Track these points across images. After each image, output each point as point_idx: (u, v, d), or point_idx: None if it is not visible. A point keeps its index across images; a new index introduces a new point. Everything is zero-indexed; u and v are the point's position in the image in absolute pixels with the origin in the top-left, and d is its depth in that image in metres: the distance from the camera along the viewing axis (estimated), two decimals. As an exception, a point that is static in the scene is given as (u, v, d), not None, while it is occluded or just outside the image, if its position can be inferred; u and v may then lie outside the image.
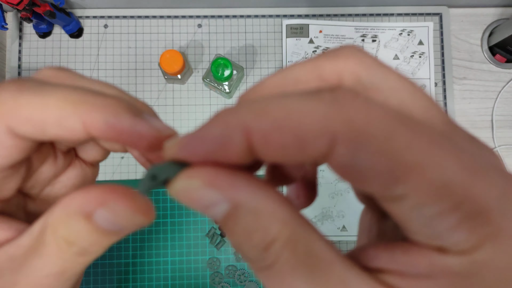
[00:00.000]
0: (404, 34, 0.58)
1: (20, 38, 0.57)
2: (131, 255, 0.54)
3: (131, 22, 0.58)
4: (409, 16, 0.59)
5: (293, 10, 0.59)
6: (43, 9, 0.49)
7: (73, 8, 0.58)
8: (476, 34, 0.60)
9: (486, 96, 0.59)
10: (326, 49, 0.57)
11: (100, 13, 0.58)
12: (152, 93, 0.57)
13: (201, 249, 0.55)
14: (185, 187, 0.11)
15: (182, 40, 0.58)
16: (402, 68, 0.58)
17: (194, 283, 0.54)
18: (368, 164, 0.10)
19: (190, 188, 0.11)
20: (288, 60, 0.57)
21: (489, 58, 0.59)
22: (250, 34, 0.59)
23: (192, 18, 0.59)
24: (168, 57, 0.50)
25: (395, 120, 0.10)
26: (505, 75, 0.59)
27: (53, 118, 0.12)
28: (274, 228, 0.11)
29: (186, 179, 0.11)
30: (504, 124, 0.59)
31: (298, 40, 0.58)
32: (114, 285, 0.54)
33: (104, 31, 0.58)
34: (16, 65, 0.56)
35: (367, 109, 0.10)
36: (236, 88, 0.56)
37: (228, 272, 0.54)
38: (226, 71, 0.50)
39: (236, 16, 0.59)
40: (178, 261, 0.55)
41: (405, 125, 0.10)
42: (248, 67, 0.58)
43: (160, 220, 0.55)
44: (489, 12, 0.60)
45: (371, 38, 0.58)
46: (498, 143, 0.58)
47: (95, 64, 0.57)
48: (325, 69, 0.12)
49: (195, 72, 0.58)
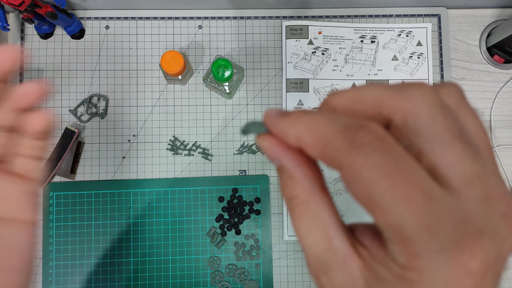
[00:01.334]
0: (403, 35, 0.59)
1: (22, 39, 0.57)
2: (132, 254, 0.55)
3: (132, 23, 0.58)
4: (408, 17, 0.60)
5: (292, 12, 0.59)
6: (44, 10, 0.50)
7: (74, 9, 0.58)
8: (475, 35, 0.60)
9: (485, 97, 0.60)
10: (325, 50, 0.58)
11: (101, 14, 0.58)
12: (153, 93, 0.58)
13: (202, 248, 0.55)
14: (260, 142, 0.17)
15: (183, 41, 0.59)
16: (401, 68, 0.58)
17: (194, 282, 0.55)
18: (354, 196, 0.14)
19: (262, 144, 0.17)
20: (288, 61, 0.58)
21: (488, 59, 0.60)
22: (250, 35, 0.59)
23: (193, 19, 0.59)
24: (169, 58, 0.50)
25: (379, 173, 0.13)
26: (503, 76, 0.60)
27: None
28: (297, 190, 0.16)
29: (260, 139, 0.17)
30: (502, 124, 0.59)
31: (298, 41, 0.58)
32: (115, 284, 0.54)
33: (106, 32, 0.58)
34: (17, 66, 0.57)
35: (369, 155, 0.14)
36: (236, 89, 0.57)
37: (229, 271, 0.55)
38: (226, 72, 0.50)
39: (236, 18, 0.59)
40: (179, 259, 0.55)
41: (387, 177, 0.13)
42: (248, 68, 0.58)
43: (161, 220, 0.55)
44: (488, 13, 0.61)
45: (370, 39, 0.58)
46: (496, 143, 0.59)
47: (96, 65, 0.58)
48: (385, 102, 0.15)
49: (195, 73, 0.58)
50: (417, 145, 0.14)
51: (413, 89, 0.15)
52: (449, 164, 0.14)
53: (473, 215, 0.13)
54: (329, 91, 0.58)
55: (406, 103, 0.14)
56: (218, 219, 0.55)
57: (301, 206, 0.16)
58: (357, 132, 0.14)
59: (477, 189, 0.14)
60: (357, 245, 0.16)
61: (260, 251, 0.55)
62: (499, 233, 0.14)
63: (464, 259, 0.13)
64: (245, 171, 0.57)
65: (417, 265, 0.13)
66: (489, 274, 0.13)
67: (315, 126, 0.15)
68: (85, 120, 0.57)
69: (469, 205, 0.13)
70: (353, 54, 0.58)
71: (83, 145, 0.57)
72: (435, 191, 0.13)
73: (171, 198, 0.56)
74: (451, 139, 0.14)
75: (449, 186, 0.14)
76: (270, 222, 0.56)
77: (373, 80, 0.58)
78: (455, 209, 0.13)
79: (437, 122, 0.14)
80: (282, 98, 0.58)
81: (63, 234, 0.55)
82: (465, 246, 0.13)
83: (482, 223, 0.13)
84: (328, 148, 0.15)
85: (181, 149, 0.57)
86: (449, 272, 0.13)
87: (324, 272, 0.16)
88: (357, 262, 0.15)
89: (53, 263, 0.54)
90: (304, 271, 0.56)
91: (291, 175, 0.17)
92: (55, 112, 0.57)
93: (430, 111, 0.14)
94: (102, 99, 0.57)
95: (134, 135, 0.57)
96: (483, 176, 0.14)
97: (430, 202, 0.13)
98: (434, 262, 0.13)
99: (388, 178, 0.13)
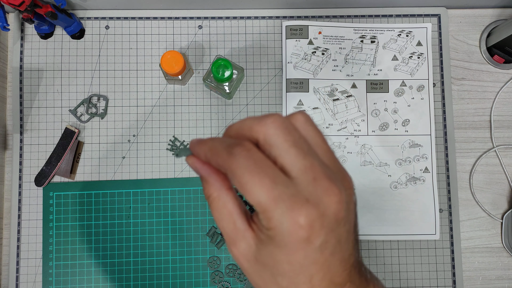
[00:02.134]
0: (403, 35, 0.59)
1: (22, 39, 0.57)
2: (132, 254, 0.55)
3: (132, 23, 0.58)
4: (408, 17, 0.60)
5: (292, 12, 0.59)
6: (44, 10, 0.50)
7: (74, 9, 0.58)
8: (475, 35, 0.60)
9: (485, 97, 0.60)
10: (325, 50, 0.58)
11: (101, 14, 0.58)
12: (153, 93, 0.58)
13: (202, 248, 0.55)
14: (187, 161, 0.25)
15: (183, 41, 0.59)
16: (401, 68, 0.58)
17: (194, 282, 0.55)
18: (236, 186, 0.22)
19: (188, 162, 0.25)
20: (288, 61, 0.58)
21: (488, 59, 0.60)
22: (250, 35, 0.59)
23: (193, 19, 0.59)
24: (169, 58, 0.50)
25: (245, 170, 0.21)
26: (503, 76, 0.60)
27: None
28: (211, 190, 0.24)
29: (187, 158, 0.25)
30: (502, 124, 0.59)
31: (298, 41, 0.58)
32: (115, 284, 0.54)
33: (106, 32, 0.58)
34: (17, 66, 0.57)
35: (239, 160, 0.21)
36: (236, 89, 0.57)
37: (229, 271, 0.55)
38: (226, 72, 0.50)
39: (236, 18, 0.59)
40: (179, 259, 0.55)
41: (249, 172, 0.21)
42: (248, 68, 0.58)
43: (161, 220, 0.55)
44: (488, 13, 0.61)
45: (370, 39, 0.58)
46: (496, 143, 0.59)
47: (96, 65, 0.58)
48: (253, 128, 0.22)
49: (195, 73, 0.58)
50: (272, 153, 0.22)
51: (267, 118, 0.22)
52: (289, 162, 0.21)
53: (304, 191, 0.21)
54: (329, 91, 0.58)
55: (263, 127, 0.22)
56: (218, 219, 0.55)
57: (214, 201, 0.24)
58: (234, 147, 0.21)
59: (307, 175, 0.21)
60: (252, 223, 0.23)
61: (260, 251, 0.55)
62: (322, 201, 0.21)
63: (295, 217, 0.20)
64: (245, 171, 0.57)
65: (272, 225, 0.21)
66: (316, 225, 0.20)
67: (213, 147, 0.23)
68: (85, 120, 0.57)
69: (302, 186, 0.21)
70: (353, 54, 0.58)
71: (83, 145, 0.57)
72: (279, 178, 0.21)
73: (171, 198, 0.56)
74: (288, 146, 0.21)
75: (290, 175, 0.21)
76: (270, 222, 0.56)
77: (373, 80, 0.58)
78: (291, 189, 0.20)
79: (279, 137, 0.22)
80: (282, 98, 0.58)
81: (63, 234, 0.55)
82: (295, 209, 0.20)
83: (309, 196, 0.20)
84: (218, 159, 0.22)
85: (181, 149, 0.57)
86: (289, 226, 0.20)
87: (233, 244, 0.23)
88: (251, 234, 0.23)
89: (53, 263, 0.54)
90: (304, 271, 0.55)
91: (206, 180, 0.24)
92: (55, 112, 0.57)
93: (276, 131, 0.22)
94: (102, 99, 0.57)
95: (134, 135, 0.57)
96: (311, 166, 0.21)
97: (274, 184, 0.20)
98: (279, 221, 0.20)
99: (250, 173, 0.21)
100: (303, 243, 0.20)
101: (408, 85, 0.58)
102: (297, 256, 0.21)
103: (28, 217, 0.55)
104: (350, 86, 0.58)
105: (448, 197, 0.57)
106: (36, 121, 0.57)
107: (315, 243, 0.21)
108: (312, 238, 0.20)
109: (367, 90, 0.58)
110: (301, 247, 0.21)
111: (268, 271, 0.23)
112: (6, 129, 0.57)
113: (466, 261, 0.57)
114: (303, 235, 0.20)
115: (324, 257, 0.21)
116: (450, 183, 0.57)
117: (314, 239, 0.20)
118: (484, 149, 0.59)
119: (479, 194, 0.58)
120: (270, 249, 0.22)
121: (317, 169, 0.21)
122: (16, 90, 0.57)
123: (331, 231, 0.21)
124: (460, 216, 0.58)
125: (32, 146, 0.56)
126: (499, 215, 0.58)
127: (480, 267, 0.57)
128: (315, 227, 0.20)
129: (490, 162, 0.59)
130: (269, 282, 0.23)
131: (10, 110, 0.57)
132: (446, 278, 0.56)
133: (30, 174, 0.56)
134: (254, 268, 0.23)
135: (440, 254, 0.56)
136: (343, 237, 0.22)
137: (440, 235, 0.57)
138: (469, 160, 0.59)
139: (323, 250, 0.21)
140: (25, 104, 0.57)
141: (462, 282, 0.56)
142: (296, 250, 0.21)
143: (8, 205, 0.56)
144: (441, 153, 0.58)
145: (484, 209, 0.58)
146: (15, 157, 0.56)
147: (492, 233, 0.58)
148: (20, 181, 0.56)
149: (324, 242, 0.21)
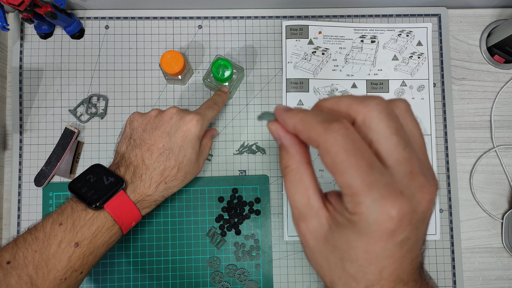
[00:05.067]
0: (403, 35, 0.59)
1: (22, 38, 0.57)
2: (132, 255, 0.55)
3: (132, 23, 0.58)
4: (408, 17, 0.60)
5: (292, 11, 0.59)
6: (44, 10, 0.50)
7: (74, 9, 0.58)
8: (475, 35, 0.60)
9: (485, 97, 0.60)
10: (325, 50, 0.58)
11: (101, 14, 0.58)
12: (152, 93, 0.58)
13: (202, 248, 0.55)
14: (269, 126, 0.24)
15: (183, 41, 0.59)
16: (401, 68, 0.58)
17: (194, 282, 0.55)
18: (325, 165, 0.21)
19: (271, 127, 0.24)
20: (288, 61, 0.58)
21: (488, 58, 0.60)
22: (250, 35, 0.59)
23: (193, 19, 0.59)
24: (168, 58, 0.50)
25: (341, 149, 0.20)
26: (504, 76, 0.60)
27: None
28: (290, 161, 0.23)
29: (270, 124, 0.24)
30: (502, 124, 0.59)
31: (298, 41, 0.58)
32: (115, 284, 0.54)
33: (105, 32, 0.58)
34: (17, 66, 0.57)
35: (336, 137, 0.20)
36: (236, 89, 0.57)
37: (228, 271, 0.55)
38: (226, 71, 0.50)
39: (236, 17, 0.59)
40: (179, 260, 0.55)
41: (345, 152, 0.20)
42: (248, 67, 0.58)
43: (160, 220, 0.55)
44: (488, 13, 0.61)
45: (370, 39, 0.58)
46: (497, 143, 0.59)
47: (96, 65, 0.58)
48: (352, 107, 0.22)
49: (195, 73, 0.58)
50: (369, 136, 0.21)
51: (371, 100, 0.21)
52: (387, 150, 0.21)
53: (399, 183, 0.20)
54: (329, 91, 0.58)
55: (365, 108, 0.21)
56: (218, 219, 0.55)
57: (292, 173, 0.23)
58: (332, 122, 0.21)
59: (404, 167, 0.20)
60: (327, 203, 0.23)
61: (260, 251, 0.55)
62: (415, 197, 0.20)
63: (387, 208, 0.19)
64: (245, 171, 0.57)
65: (359, 210, 0.20)
66: (405, 220, 0.20)
67: (305, 118, 0.22)
68: (84, 120, 0.57)
69: (397, 177, 0.20)
70: (353, 54, 0.58)
71: (83, 145, 0.57)
72: (375, 164, 0.20)
73: (171, 198, 0.56)
74: (390, 134, 0.21)
75: (386, 163, 0.21)
76: (270, 222, 0.56)
77: (373, 80, 0.58)
78: (387, 177, 0.20)
79: (382, 122, 0.21)
80: (282, 98, 0.57)
81: (63, 234, 0.55)
82: (388, 200, 0.19)
83: (403, 189, 0.20)
84: (312, 132, 0.21)
85: (181, 149, 0.57)
86: (378, 215, 0.20)
87: (302, 219, 0.23)
88: (325, 213, 0.23)
89: (53, 263, 0.54)
90: (304, 272, 0.56)
91: (287, 150, 0.24)
92: (55, 112, 0.57)
93: (379, 115, 0.21)
94: (101, 99, 0.57)
95: (134, 135, 0.57)
96: (410, 159, 0.21)
97: (371, 169, 0.20)
98: (369, 208, 0.20)
99: (346, 153, 0.20)
100: (387, 235, 0.20)
101: (409, 85, 0.58)
102: (376, 247, 0.20)
103: (27, 217, 0.55)
104: (350, 86, 0.58)
105: (448, 197, 0.57)
106: (35, 121, 0.57)
107: (398, 238, 0.20)
108: (397, 232, 0.20)
109: (367, 90, 0.58)
110: (383, 238, 0.20)
111: (337, 254, 0.22)
112: (5, 129, 0.57)
113: (466, 261, 0.57)
114: (390, 227, 0.20)
115: (401, 253, 0.21)
116: (451, 183, 0.57)
117: (398, 234, 0.20)
118: (484, 149, 0.59)
119: (479, 194, 0.58)
120: (347, 233, 0.21)
121: (415, 163, 0.20)
122: (15, 90, 0.57)
123: (416, 228, 0.20)
124: (460, 216, 0.58)
125: (31, 146, 0.56)
126: (499, 215, 0.58)
127: (480, 267, 0.57)
128: (404, 222, 0.20)
129: (490, 162, 0.59)
130: (334, 265, 0.22)
131: (10, 110, 0.57)
132: (446, 278, 0.56)
133: (29, 174, 0.56)
134: (321, 247, 0.23)
135: (440, 254, 0.56)
136: (420, 237, 0.22)
137: (440, 235, 0.56)
138: (469, 160, 0.59)
139: (402, 246, 0.20)
140: (24, 104, 0.57)
141: (462, 282, 0.56)
142: (378, 241, 0.20)
143: (7, 205, 0.56)
144: (441, 153, 0.58)
145: (484, 209, 0.58)
146: (15, 157, 0.56)
147: (492, 233, 0.58)
148: (19, 181, 0.56)
149: (406, 238, 0.20)
